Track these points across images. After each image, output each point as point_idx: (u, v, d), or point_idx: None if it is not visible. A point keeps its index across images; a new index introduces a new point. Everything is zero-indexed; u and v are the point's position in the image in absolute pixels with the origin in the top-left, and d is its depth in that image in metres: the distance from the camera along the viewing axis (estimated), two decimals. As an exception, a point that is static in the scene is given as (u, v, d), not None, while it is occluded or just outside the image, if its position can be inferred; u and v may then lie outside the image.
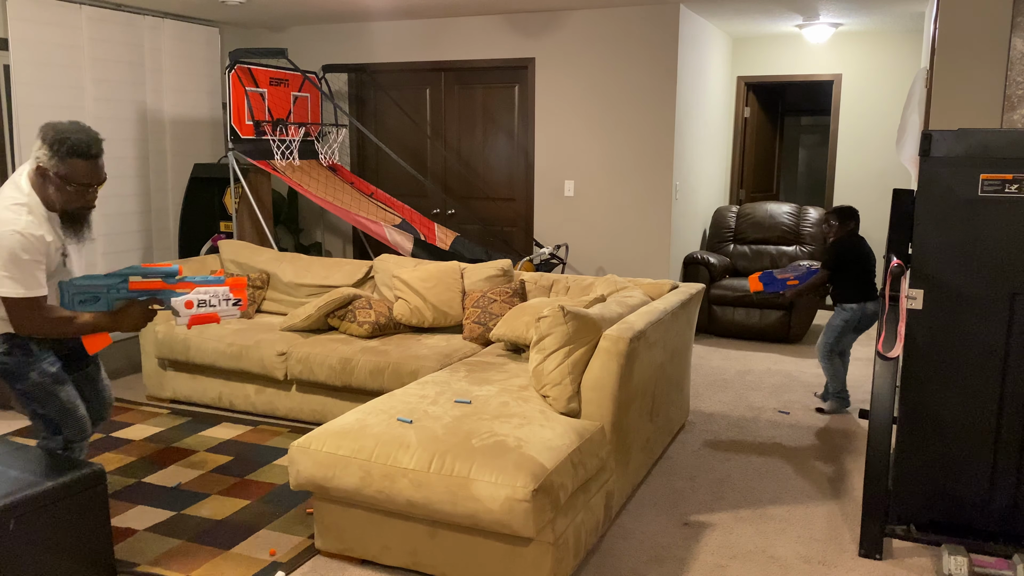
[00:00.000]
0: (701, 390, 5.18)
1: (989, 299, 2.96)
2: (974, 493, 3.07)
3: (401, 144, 6.96)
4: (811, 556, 3.12)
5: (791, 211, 7.00)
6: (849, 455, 4.14)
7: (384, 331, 4.55)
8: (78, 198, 2.70)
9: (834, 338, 4.69)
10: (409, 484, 2.74)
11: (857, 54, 7.20)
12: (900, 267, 2.98)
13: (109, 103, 5.98)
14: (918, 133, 3.95)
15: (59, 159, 2.63)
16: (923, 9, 5.93)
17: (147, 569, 2.98)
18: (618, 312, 3.51)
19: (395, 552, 2.92)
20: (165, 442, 4.24)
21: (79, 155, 2.65)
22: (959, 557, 2.88)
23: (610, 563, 3.06)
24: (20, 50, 5.37)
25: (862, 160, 7.33)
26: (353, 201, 5.89)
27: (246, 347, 4.48)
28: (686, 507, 3.53)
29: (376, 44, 6.80)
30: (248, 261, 5.24)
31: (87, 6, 5.75)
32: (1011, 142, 2.86)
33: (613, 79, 6.10)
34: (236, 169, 5.72)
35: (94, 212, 5.92)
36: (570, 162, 6.32)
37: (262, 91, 5.91)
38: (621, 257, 6.27)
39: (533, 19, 6.27)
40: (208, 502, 3.53)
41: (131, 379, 5.38)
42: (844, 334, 4.69)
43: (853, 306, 4.62)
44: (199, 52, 6.70)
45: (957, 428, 3.06)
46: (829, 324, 4.72)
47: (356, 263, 5.08)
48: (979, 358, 3.00)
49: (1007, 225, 2.90)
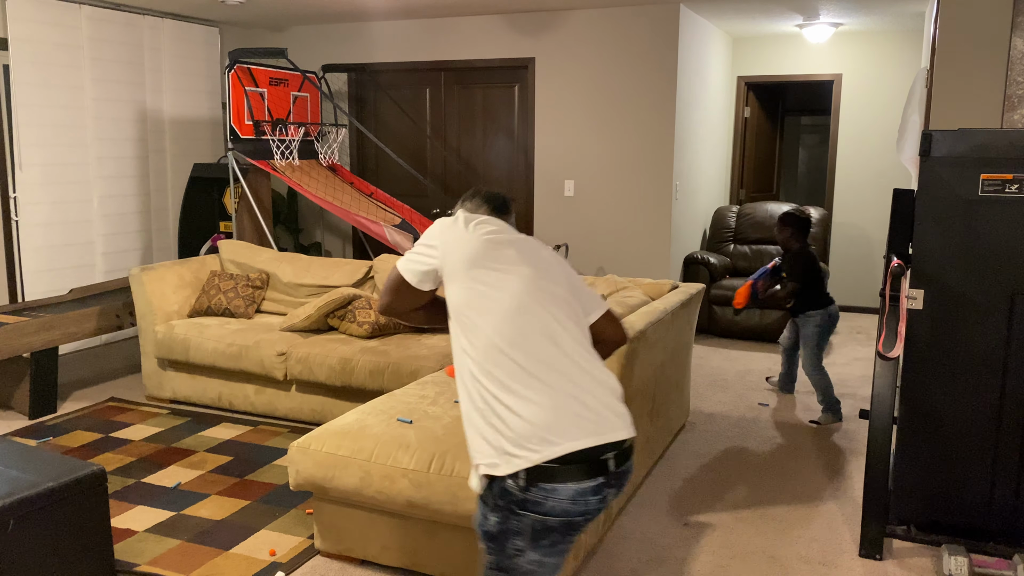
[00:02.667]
0: (701, 390, 5.18)
1: (989, 299, 2.96)
2: (974, 493, 3.07)
3: (401, 144, 6.96)
4: (811, 556, 3.12)
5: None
6: (849, 455, 4.14)
7: (384, 331, 4.55)
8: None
9: (816, 347, 4.64)
10: (409, 484, 2.74)
11: (857, 54, 7.19)
12: (900, 267, 2.98)
13: (109, 103, 5.98)
14: (918, 133, 3.95)
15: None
16: (923, 9, 5.93)
17: (147, 569, 2.98)
18: (618, 312, 3.50)
19: (395, 552, 2.92)
20: (165, 442, 4.24)
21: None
22: (959, 557, 2.88)
23: (610, 563, 3.06)
24: (20, 50, 5.37)
25: (862, 160, 7.32)
26: (353, 201, 5.89)
27: (246, 347, 4.48)
28: (686, 507, 3.52)
29: (376, 44, 6.79)
30: (248, 261, 5.24)
31: (87, 6, 5.75)
32: (1011, 142, 2.86)
33: (613, 79, 6.10)
34: (236, 169, 5.72)
35: (93, 211, 5.92)
36: (570, 162, 6.32)
37: (262, 91, 5.91)
38: (621, 257, 6.27)
39: (533, 19, 6.27)
40: (208, 502, 3.52)
41: (131, 379, 5.38)
42: (823, 340, 4.66)
43: (819, 311, 4.61)
44: (199, 52, 6.70)
45: (957, 428, 3.06)
46: (804, 337, 4.66)
47: (356, 263, 5.07)
48: (979, 358, 3.00)
49: (1007, 225, 2.90)
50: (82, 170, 5.82)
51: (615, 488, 1.83)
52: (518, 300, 1.84)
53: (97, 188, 5.94)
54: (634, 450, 1.86)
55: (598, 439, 1.78)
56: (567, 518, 1.79)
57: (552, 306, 1.87)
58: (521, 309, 1.83)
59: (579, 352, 1.86)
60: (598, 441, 1.78)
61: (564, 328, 1.85)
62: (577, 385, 1.81)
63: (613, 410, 1.84)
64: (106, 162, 5.99)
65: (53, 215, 5.65)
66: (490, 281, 1.85)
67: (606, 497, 1.81)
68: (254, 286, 5.08)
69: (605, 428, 1.80)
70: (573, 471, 1.76)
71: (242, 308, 4.95)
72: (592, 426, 1.79)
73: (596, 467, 1.77)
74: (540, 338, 1.82)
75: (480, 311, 1.83)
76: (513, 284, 1.85)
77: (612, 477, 1.80)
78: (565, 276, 1.96)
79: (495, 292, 1.84)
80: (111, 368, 5.63)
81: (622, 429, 1.83)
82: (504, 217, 2.12)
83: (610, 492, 1.82)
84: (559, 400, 1.78)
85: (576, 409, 1.79)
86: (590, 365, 1.86)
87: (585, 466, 1.76)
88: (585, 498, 1.77)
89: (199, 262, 5.23)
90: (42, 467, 2.65)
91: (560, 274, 1.94)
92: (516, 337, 1.80)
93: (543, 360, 1.80)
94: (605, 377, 1.88)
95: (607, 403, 1.84)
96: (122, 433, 4.38)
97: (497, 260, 1.87)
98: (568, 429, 1.76)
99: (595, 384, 1.84)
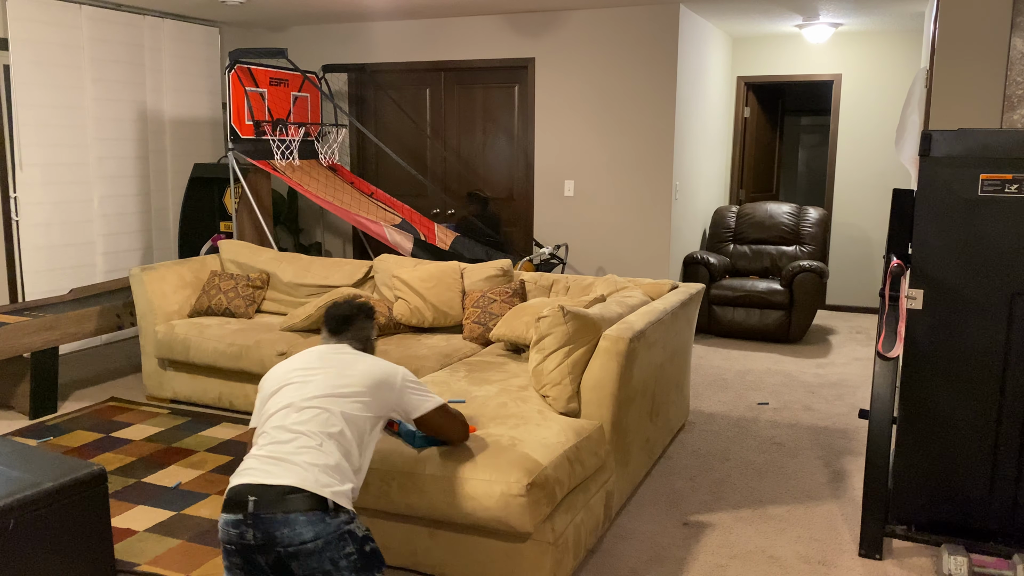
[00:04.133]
0: (701, 390, 5.18)
1: (989, 299, 2.96)
2: (974, 493, 3.07)
3: (401, 144, 6.96)
4: (811, 556, 3.12)
5: (791, 211, 7.00)
6: (849, 455, 4.14)
7: (384, 331, 4.55)
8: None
9: None
10: (407, 486, 2.74)
11: (857, 54, 7.20)
12: (900, 267, 2.98)
13: (109, 103, 5.98)
14: (918, 133, 3.95)
15: None
16: (923, 9, 5.93)
17: (147, 569, 2.98)
18: (618, 312, 3.51)
19: (395, 552, 2.92)
20: (165, 442, 4.24)
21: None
22: (959, 557, 2.88)
23: (610, 563, 3.06)
24: (20, 50, 5.37)
25: (862, 160, 7.33)
26: (353, 201, 5.89)
27: (246, 347, 4.48)
28: (686, 507, 3.52)
29: (376, 44, 6.80)
30: (248, 261, 5.24)
31: (87, 6, 5.75)
32: (1011, 142, 2.86)
33: (613, 79, 6.10)
34: (236, 169, 5.72)
35: (93, 211, 5.93)
36: (570, 162, 6.32)
37: (262, 91, 5.91)
38: (621, 257, 6.27)
39: (533, 19, 6.27)
40: (208, 502, 3.53)
41: (131, 379, 5.38)
42: None
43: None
44: (199, 52, 6.70)
45: (957, 428, 3.06)
46: None
47: (356, 263, 5.07)
48: (979, 358, 3.00)
49: (1007, 225, 2.91)
50: (82, 170, 5.82)
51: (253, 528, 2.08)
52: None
53: (97, 188, 5.94)
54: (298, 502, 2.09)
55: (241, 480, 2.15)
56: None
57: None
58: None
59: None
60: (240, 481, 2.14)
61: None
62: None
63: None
64: (106, 162, 5.99)
65: (53, 215, 5.65)
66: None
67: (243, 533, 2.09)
68: (254, 286, 5.08)
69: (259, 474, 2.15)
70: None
71: (242, 308, 4.96)
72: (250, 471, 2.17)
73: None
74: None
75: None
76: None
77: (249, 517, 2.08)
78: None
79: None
80: (111, 368, 5.64)
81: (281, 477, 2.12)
82: (337, 338, 2.53)
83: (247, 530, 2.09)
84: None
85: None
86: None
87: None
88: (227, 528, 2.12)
89: (199, 262, 5.23)
90: (42, 467, 2.65)
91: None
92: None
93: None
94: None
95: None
96: (122, 433, 4.38)
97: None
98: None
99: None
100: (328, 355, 2.42)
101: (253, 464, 2.17)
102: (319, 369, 2.36)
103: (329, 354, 2.42)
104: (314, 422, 2.23)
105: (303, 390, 2.30)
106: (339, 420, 2.25)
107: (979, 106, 4.02)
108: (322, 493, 2.09)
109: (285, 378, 2.36)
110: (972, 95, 4.03)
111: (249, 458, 2.21)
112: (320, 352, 2.44)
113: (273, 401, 2.32)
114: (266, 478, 2.11)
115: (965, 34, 4.01)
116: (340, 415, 2.26)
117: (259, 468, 2.14)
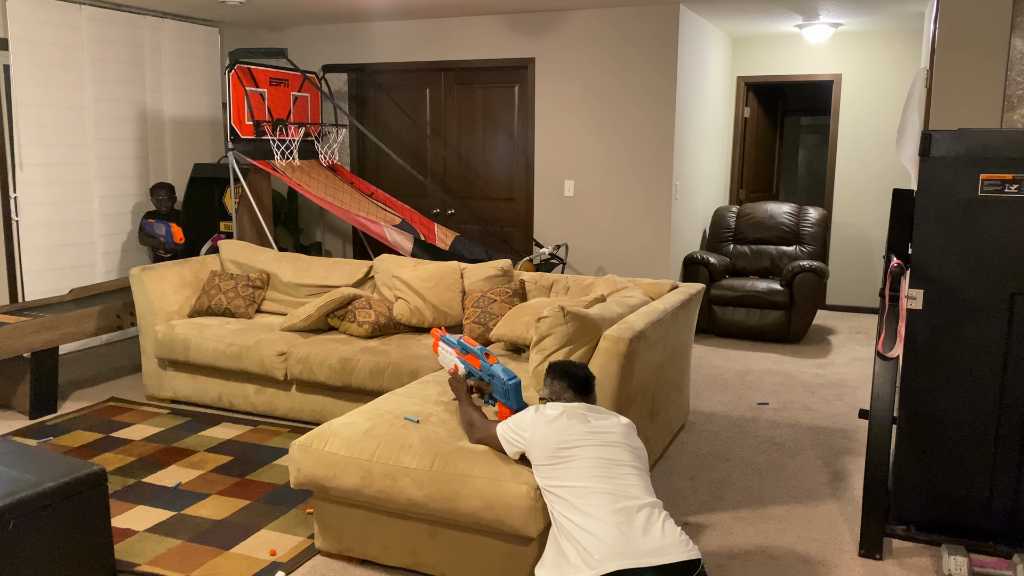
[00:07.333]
0: (701, 390, 5.18)
1: (989, 299, 2.96)
2: (974, 493, 3.08)
3: (401, 144, 6.96)
4: (811, 556, 3.12)
5: (791, 211, 7.00)
6: (849, 455, 4.14)
7: (384, 331, 4.55)
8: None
9: None
10: (411, 483, 2.74)
11: (857, 54, 7.20)
12: (900, 267, 2.98)
13: (109, 103, 5.98)
14: (918, 133, 3.95)
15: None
16: (923, 9, 5.93)
17: (147, 569, 2.98)
18: (618, 312, 3.51)
19: (395, 552, 2.92)
20: (165, 442, 4.24)
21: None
22: (959, 557, 2.88)
23: (610, 563, 3.06)
24: (20, 50, 5.37)
25: (862, 160, 7.33)
26: (353, 201, 5.89)
27: (246, 347, 4.48)
28: (686, 507, 3.53)
29: (376, 44, 6.80)
30: (248, 261, 5.24)
31: (87, 6, 5.76)
32: (1011, 142, 2.86)
33: (613, 79, 6.10)
34: (236, 169, 5.72)
35: (93, 211, 5.93)
36: (570, 162, 6.32)
37: (262, 91, 5.91)
38: (621, 257, 6.27)
39: (533, 19, 6.27)
40: (208, 502, 3.53)
41: (131, 379, 5.38)
42: None
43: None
44: (199, 52, 6.71)
45: (957, 428, 3.06)
46: None
47: (356, 263, 5.08)
48: (979, 358, 3.00)
49: (1007, 225, 2.91)
50: (82, 170, 5.82)
51: None
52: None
53: (97, 188, 5.94)
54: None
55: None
56: None
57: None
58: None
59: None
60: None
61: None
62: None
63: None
64: (106, 162, 5.99)
65: (53, 215, 5.65)
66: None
67: None
68: (254, 286, 5.08)
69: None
70: None
71: (242, 308, 4.96)
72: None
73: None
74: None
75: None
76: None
77: None
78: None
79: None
80: (111, 368, 5.64)
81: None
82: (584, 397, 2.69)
83: None
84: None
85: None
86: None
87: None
88: None
89: (199, 262, 5.23)
90: (42, 467, 2.65)
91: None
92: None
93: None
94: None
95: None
96: (122, 433, 4.38)
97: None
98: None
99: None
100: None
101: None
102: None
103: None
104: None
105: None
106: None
107: (979, 106, 4.02)
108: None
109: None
110: (972, 95, 4.03)
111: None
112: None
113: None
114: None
115: (965, 34, 4.01)
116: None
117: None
